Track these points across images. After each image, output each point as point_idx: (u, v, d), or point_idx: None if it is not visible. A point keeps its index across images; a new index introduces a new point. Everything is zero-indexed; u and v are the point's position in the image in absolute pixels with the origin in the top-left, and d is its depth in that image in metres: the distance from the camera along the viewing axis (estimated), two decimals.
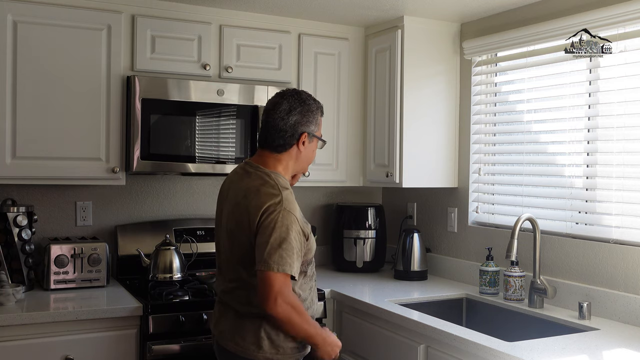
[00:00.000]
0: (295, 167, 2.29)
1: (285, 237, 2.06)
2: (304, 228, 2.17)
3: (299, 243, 2.12)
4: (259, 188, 2.16)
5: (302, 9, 3.20)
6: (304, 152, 2.27)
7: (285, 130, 2.21)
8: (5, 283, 2.73)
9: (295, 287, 2.19)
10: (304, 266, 2.22)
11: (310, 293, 2.29)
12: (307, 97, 2.28)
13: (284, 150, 2.23)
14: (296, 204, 2.19)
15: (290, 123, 2.21)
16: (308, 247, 2.21)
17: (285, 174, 2.26)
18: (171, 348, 2.72)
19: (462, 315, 3.04)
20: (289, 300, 2.07)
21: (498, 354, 2.10)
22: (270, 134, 2.23)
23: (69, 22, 2.87)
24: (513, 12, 3.06)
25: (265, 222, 2.09)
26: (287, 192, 2.16)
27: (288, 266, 2.06)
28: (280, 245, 2.06)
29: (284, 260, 2.05)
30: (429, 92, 3.31)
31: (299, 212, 2.18)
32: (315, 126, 2.27)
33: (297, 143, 2.23)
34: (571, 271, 2.76)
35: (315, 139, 2.30)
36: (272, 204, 2.11)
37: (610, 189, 2.64)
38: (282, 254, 2.05)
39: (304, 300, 2.24)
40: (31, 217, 2.95)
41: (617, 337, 2.32)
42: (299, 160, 2.28)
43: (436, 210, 3.55)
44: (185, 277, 3.07)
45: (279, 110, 2.21)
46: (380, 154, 3.38)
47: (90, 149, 2.93)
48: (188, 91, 3.04)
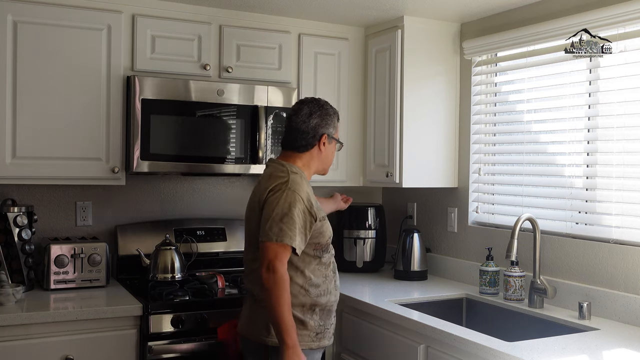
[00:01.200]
0: (317, 167, 2.49)
1: (286, 212, 2.23)
2: (313, 210, 2.31)
3: (302, 220, 2.27)
4: (271, 174, 2.39)
5: (302, 9, 3.20)
6: (324, 152, 2.47)
7: (307, 132, 2.42)
8: (5, 283, 2.73)
9: (306, 270, 2.33)
10: (318, 251, 2.37)
11: (325, 281, 2.38)
12: (325, 103, 2.50)
13: (305, 150, 2.45)
14: (305, 187, 2.33)
15: (311, 125, 2.42)
16: (320, 230, 2.35)
17: (305, 171, 2.44)
18: (171, 348, 2.72)
19: (462, 315, 3.04)
20: (278, 271, 2.19)
21: (498, 354, 2.10)
22: (293, 136, 2.44)
23: (69, 22, 2.87)
24: (513, 12, 3.06)
25: (269, 199, 2.29)
26: (295, 176, 2.34)
27: (288, 238, 2.21)
28: (282, 220, 2.23)
29: (283, 232, 2.21)
30: (429, 92, 3.31)
31: (307, 195, 2.32)
32: (333, 129, 2.49)
33: (318, 144, 2.45)
34: (571, 271, 2.76)
35: (333, 141, 2.51)
36: (278, 184, 2.31)
37: (610, 189, 2.64)
38: (282, 227, 2.22)
39: (317, 285, 2.34)
40: (31, 217, 2.95)
41: (617, 337, 2.32)
42: (320, 160, 2.48)
43: (436, 210, 3.55)
44: (185, 277, 3.08)
45: (300, 114, 2.44)
46: (380, 154, 3.38)
47: (90, 149, 2.93)
48: (188, 91, 3.04)
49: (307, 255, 2.34)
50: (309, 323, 2.34)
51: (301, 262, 2.33)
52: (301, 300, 2.32)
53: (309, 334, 2.34)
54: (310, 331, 2.34)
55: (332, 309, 2.44)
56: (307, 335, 2.33)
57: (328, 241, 2.42)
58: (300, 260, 2.32)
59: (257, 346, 2.36)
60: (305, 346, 2.31)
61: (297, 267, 2.33)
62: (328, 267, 2.41)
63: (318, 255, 2.37)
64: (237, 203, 3.63)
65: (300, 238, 2.26)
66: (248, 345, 2.43)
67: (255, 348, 2.38)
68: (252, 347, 2.40)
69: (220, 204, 3.59)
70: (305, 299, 2.33)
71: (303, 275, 2.33)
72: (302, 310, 2.33)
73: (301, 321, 2.32)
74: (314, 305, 2.35)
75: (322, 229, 2.37)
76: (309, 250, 2.35)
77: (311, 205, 2.32)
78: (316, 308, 2.36)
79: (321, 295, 2.35)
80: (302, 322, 2.32)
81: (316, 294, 2.34)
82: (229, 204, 3.61)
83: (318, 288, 2.35)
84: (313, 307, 2.35)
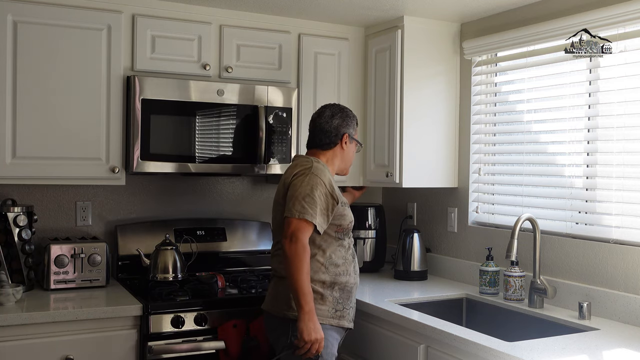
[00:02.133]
0: (339, 165, 2.70)
1: (308, 193, 2.44)
2: (335, 194, 2.52)
3: (324, 202, 2.47)
4: (297, 164, 2.61)
5: (302, 9, 3.20)
6: (345, 151, 2.69)
7: (330, 131, 2.65)
8: (5, 283, 2.73)
9: (328, 250, 2.53)
10: (339, 234, 2.57)
11: (345, 263, 2.57)
12: (345, 107, 2.74)
13: (329, 148, 2.66)
14: (327, 174, 2.54)
15: (334, 125, 2.65)
16: (342, 213, 2.56)
17: (328, 167, 2.63)
18: (171, 348, 2.72)
19: (462, 315, 3.04)
20: (301, 242, 2.39)
21: (498, 354, 2.10)
22: (317, 135, 2.67)
23: (69, 22, 2.87)
24: (513, 12, 3.06)
25: (294, 182, 2.50)
26: (319, 164, 2.56)
27: (309, 215, 2.42)
28: (304, 199, 2.43)
29: (305, 209, 2.42)
30: (429, 92, 3.31)
31: (330, 180, 2.52)
32: (353, 130, 2.71)
33: (340, 142, 2.66)
34: (571, 271, 2.76)
35: (354, 141, 2.73)
36: (302, 169, 2.54)
37: (610, 189, 2.64)
38: (304, 204, 2.43)
39: (337, 265, 2.54)
40: (31, 217, 2.95)
41: (617, 337, 2.32)
42: (342, 159, 2.70)
43: (436, 210, 3.55)
44: (185, 277, 3.07)
45: (323, 116, 2.67)
46: (380, 154, 3.38)
47: (90, 149, 2.93)
48: (188, 91, 3.04)
49: (329, 236, 2.54)
50: (327, 298, 2.51)
51: (323, 241, 2.53)
52: (321, 277, 2.51)
53: (327, 309, 2.51)
54: (328, 306, 2.51)
55: (352, 291, 2.60)
56: (327, 310, 2.51)
57: (349, 226, 2.61)
58: (322, 239, 2.52)
59: (279, 320, 2.52)
60: (325, 321, 2.49)
61: (320, 246, 2.52)
62: (348, 250, 2.60)
63: (340, 237, 2.57)
64: (237, 203, 3.63)
65: (322, 218, 2.46)
66: (271, 321, 2.59)
67: (278, 322, 2.53)
68: (275, 322, 2.55)
69: (220, 204, 3.59)
70: (325, 276, 2.52)
71: (324, 253, 2.53)
72: (322, 286, 2.51)
73: (321, 295, 2.50)
74: (333, 283, 2.52)
75: (344, 212, 2.58)
76: (331, 231, 2.54)
77: (333, 189, 2.52)
78: (335, 286, 2.53)
79: (341, 274, 2.54)
80: (321, 296, 2.50)
81: (336, 272, 2.53)
82: (229, 204, 3.61)
83: (338, 267, 2.54)
84: (333, 284, 2.53)
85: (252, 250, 3.53)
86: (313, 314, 2.39)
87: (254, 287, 3.02)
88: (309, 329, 2.36)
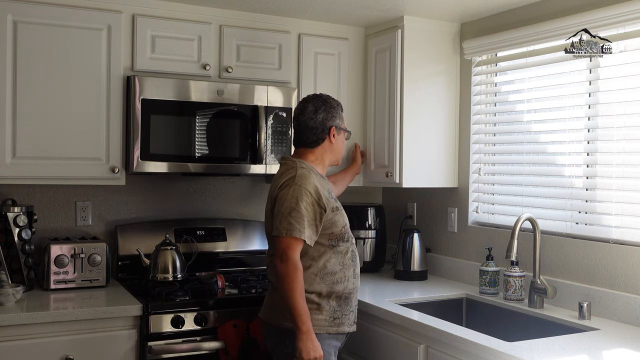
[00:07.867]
0: (330, 159, 2.62)
1: (294, 207, 2.37)
2: (322, 202, 2.43)
3: (311, 212, 2.39)
4: (282, 172, 2.52)
5: (302, 9, 3.20)
6: (334, 144, 2.60)
7: (316, 128, 2.55)
8: (5, 283, 2.73)
9: (321, 259, 2.45)
10: (333, 241, 2.49)
11: (342, 269, 2.49)
12: (327, 97, 2.63)
13: (317, 145, 2.58)
14: (312, 180, 2.45)
15: (319, 120, 2.55)
16: (332, 221, 2.47)
17: (318, 165, 2.57)
18: (171, 348, 2.72)
19: (462, 315, 3.04)
20: (291, 260, 2.34)
21: (498, 354, 2.10)
22: (303, 133, 2.57)
23: (69, 22, 2.87)
24: (513, 12, 3.06)
25: (279, 196, 2.43)
26: (303, 171, 2.46)
27: (297, 231, 2.35)
28: (290, 214, 2.37)
29: (292, 225, 2.35)
30: (429, 92, 3.31)
31: (315, 187, 2.43)
32: (339, 120, 2.62)
33: (328, 136, 2.58)
34: (571, 271, 2.76)
35: (342, 131, 2.64)
36: (286, 179, 2.45)
37: (610, 189, 2.64)
38: (291, 220, 2.36)
39: (332, 273, 2.47)
40: (31, 217, 2.95)
41: (617, 337, 2.32)
42: (332, 152, 2.61)
43: (436, 210, 3.55)
44: (185, 277, 3.08)
45: (306, 112, 2.57)
46: (380, 154, 3.38)
47: (90, 149, 2.93)
48: (188, 91, 3.04)
49: (321, 245, 2.47)
50: (324, 307, 2.46)
51: (316, 251, 2.46)
52: (316, 287, 2.45)
53: (324, 318, 2.45)
54: (325, 315, 2.46)
55: (351, 296, 2.54)
56: (324, 320, 2.45)
57: (342, 230, 2.52)
58: (315, 250, 2.45)
59: (276, 330, 2.49)
60: (323, 330, 2.45)
61: (313, 257, 2.46)
62: (345, 255, 2.52)
63: (333, 244, 2.49)
64: (237, 203, 3.63)
65: (311, 230, 2.39)
66: (269, 330, 2.56)
67: (275, 332, 2.50)
68: (273, 331, 2.52)
69: (220, 204, 3.59)
70: (320, 286, 2.46)
71: (318, 264, 2.46)
72: (318, 296, 2.45)
73: (317, 305, 2.44)
74: (330, 292, 2.47)
75: (335, 219, 2.48)
76: (324, 240, 2.47)
77: (320, 197, 2.43)
78: (332, 295, 2.47)
79: (337, 282, 2.47)
80: (318, 306, 2.45)
81: (332, 281, 2.47)
82: (229, 204, 3.61)
83: (334, 276, 2.47)
84: (330, 294, 2.47)
85: (252, 250, 3.53)
86: (311, 332, 2.34)
87: (253, 287, 3.02)
88: (308, 349, 2.32)
